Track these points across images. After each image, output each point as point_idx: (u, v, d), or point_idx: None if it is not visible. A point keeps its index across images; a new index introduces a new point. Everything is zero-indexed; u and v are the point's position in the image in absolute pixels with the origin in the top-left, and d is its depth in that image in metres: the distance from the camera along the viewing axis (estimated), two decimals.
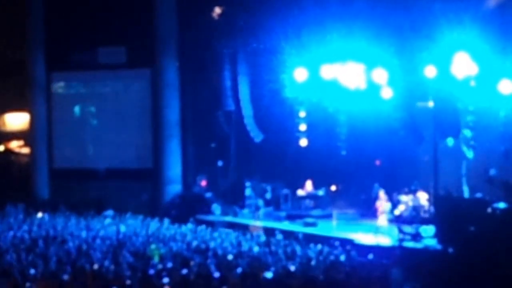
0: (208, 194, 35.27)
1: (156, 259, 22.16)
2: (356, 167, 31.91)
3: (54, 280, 15.64)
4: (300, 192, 32.87)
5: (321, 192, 32.80)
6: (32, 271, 19.61)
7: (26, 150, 45.93)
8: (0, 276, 19.12)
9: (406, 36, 27.04)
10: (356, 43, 28.33)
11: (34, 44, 39.85)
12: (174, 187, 36.64)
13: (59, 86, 40.38)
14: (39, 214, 33.36)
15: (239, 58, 34.05)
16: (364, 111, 29.25)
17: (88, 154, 39.77)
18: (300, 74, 30.87)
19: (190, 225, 30.06)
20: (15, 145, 49.75)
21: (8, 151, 49.14)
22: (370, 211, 29.28)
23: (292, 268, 19.98)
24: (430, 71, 26.05)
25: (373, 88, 28.62)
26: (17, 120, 49.03)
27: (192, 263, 21.00)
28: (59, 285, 15.35)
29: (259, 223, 30.60)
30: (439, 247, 22.85)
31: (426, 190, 28.19)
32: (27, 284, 17.64)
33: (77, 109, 39.91)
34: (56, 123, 40.03)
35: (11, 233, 27.59)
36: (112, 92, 39.37)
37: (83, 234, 27.60)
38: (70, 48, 38.98)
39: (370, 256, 22.20)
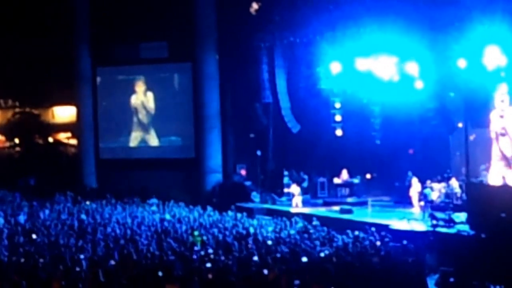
0: (248, 183, 36.01)
1: (198, 245, 22.55)
2: (390, 156, 32.25)
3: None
4: (336, 180, 33.36)
5: (356, 180, 33.33)
6: (82, 256, 19.85)
7: (73, 142, 46.95)
8: (51, 260, 19.41)
9: (438, 29, 27.34)
10: (389, 37, 28.72)
11: (80, 40, 40.92)
12: (215, 176, 37.45)
13: (104, 80, 41.30)
14: (87, 202, 34.04)
15: (276, 52, 34.51)
16: (397, 101, 29.68)
17: (132, 145, 40.67)
18: (335, 67, 31.43)
19: (230, 213, 30.33)
20: (63, 136, 50.82)
21: (56, 143, 50.24)
22: (404, 198, 29.93)
23: (328, 253, 20.11)
24: (462, 63, 26.49)
25: (406, 79, 29.09)
26: (65, 113, 50.06)
27: (233, 248, 21.38)
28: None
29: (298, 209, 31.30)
30: (471, 232, 23.18)
31: (458, 177, 28.50)
32: (77, 269, 17.70)
33: (121, 101, 40.66)
34: (101, 115, 41.09)
35: (61, 220, 28.17)
36: (154, 86, 40.17)
37: (129, 221, 28.11)
38: (114, 43, 40.00)
39: (405, 242, 21.78)
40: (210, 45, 37.69)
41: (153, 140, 40.09)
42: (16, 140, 50.48)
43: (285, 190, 34.45)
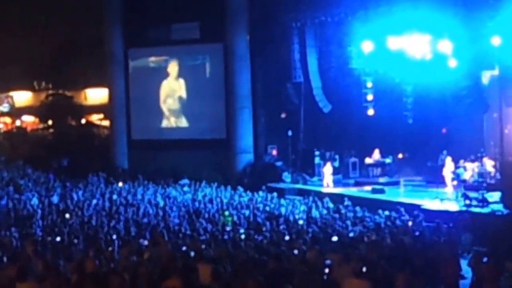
0: (279, 163, 35.91)
1: (230, 225, 22.77)
2: (423, 135, 31.94)
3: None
4: (368, 160, 33.29)
5: (388, 160, 33.20)
6: (114, 236, 20.14)
7: (106, 123, 47.43)
8: (85, 240, 19.71)
9: (471, 6, 27.18)
10: (421, 14, 28.59)
11: (112, 22, 40.99)
12: (246, 157, 37.48)
13: (136, 62, 41.32)
14: (119, 183, 34.35)
15: (307, 31, 34.46)
16: (430, 80, 29.46)
17: (164, 125, 40.78)
18: (367, 46, 31.23)
19: (261, 193, 30.36)
20: (95, 118, 51.39)
21: (89, 124, 50.77)
22: (436, 178, 29.59)
23: (359, 232, 20.14)
24: (496, 41, 26.19)
25: (438, 58, 28.83)
26: (97, 95, 50.60)
27: (264, 228, 21.54)
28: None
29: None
30: (505, 212, 23.11)
31: (492, 157, 28.22)
32: (110, 248, 17.87)
33: (153, 83, 40.69)
34: (133, 97, 41.18)
35: (94, 201, 28.43)
36: (186, 67, 40.10)
37: (161, 202, 28.31)
38: (145, 25, 40.01)
39: (437, 221, 21.72)
40: (241, 26, 37.57)
41: (184, 122, 40.15)
42: (50, 122, 51.05)
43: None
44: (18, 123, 57.13)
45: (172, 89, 40.36)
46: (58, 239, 19.82)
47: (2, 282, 12.17)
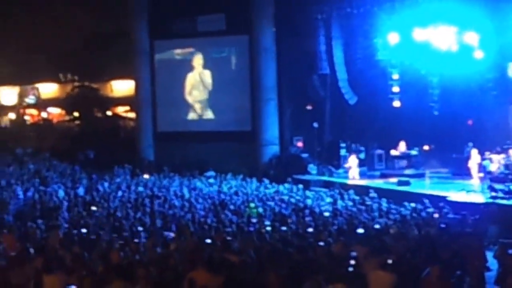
0: (304, 155, 35.82)
1: (255, 217, 22.69)
2: (449, 127, 31.76)
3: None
4: (394, 152, 33.13)
5: (414, 152, 32.99)
6: (140, 228, 20.19)
7: (131, 115, 47.58)
8: (110, 232, 19.64)
9: None
10: (448, 6, 28.52)
11: (138, 14, 41.04)
12: (271, 148, 37.44)
13: (161, 54, 41.34)
14: (145, 175, 34.52)
15: (333, 23, 34.31)
16: (456, 72, 29.29)
17: (189, 118, 40.81)
18: (393, 37, 31.20)
19: (287, 185, 30.41)
20: (121, 110, 51.59)
21: (115, 116, 51.00)
22: (462, 170, 29.56)
23: (385, 224, 20.07)
24: None
25: (465, 49, 28.75)
26: (123, 87, 50.77)
27: (289, 220, 21.50)
28: None
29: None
30: None
31: None
32: (135, 240, 17.84)
33: (178, 75, 40.65)
34: (159, 89, 41.26)
35: (120, 192, 28.53)
36: (211, 59, 40.08)
37: (186, 193, 28.34)
38: (171, 17, 39.95)
39: (463, 213, 21.45)
40: (267, 18, 37.46)
41: (210, 114, 40.21)
42: (76, 114, 51.31)
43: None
44: (44, 115, 57.42)
45: (198, 82, 40.32)
46: (84, 231, 19.78)
47: (29, 274, 12.29)
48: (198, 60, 40.29)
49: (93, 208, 24.82)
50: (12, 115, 57.93)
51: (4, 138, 48.20)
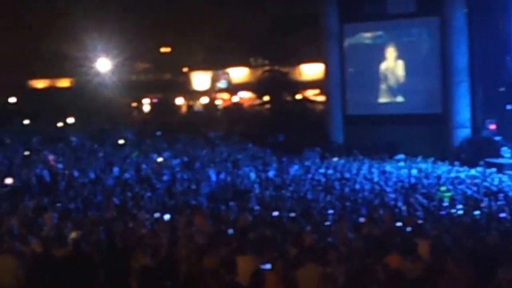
0: (497, 138, 34.82)
1: (446, 201, 22.35)
2: None
3: None
4: None
5: None
6: (330, 211, 20.14)
7: (321, 98, 47.86)
8: (301, 214, 19.66)
9: None
10: None
11: None
12: (463, 131, 36.69)
13: (351, 38, 41.38)
14: (335, 158, 34.66)
15: None
16: None
17: (379, 101, 40.66)
18: None
19: (479, 168, 29.81)
20: (310, 93, 52.02)
21: (305, 100, 51.52)
22: None
23: None
24: None
25: None
26: (313, 70, 51.19)
27: (482, 205, 21.01)
28: None
29: None
30: None
31: None
32: (326, 223, 17.74)
33: (368, 58, 40.57)
34: (349, 72, 41.32)
35: (309, 175, 28.73)
36: (401, 41, 39.78)
37: (376, 176, 28.23)
38: (361, 0, 39.95)
39: None
40: None
41: (400, 97, 39.92)
42: (266, 98, 52.24)
43: None
44: (235, 99, 58.99)
45: (391, 72, 40.09)
46: (275, 213, 19.92)
47: (223, 254, 12.58)
48: (391, 54, 40.01)
49: (283, 191, 24.95)
50: (204, 100, 59.97)
51: (197, 122, 49.97)
